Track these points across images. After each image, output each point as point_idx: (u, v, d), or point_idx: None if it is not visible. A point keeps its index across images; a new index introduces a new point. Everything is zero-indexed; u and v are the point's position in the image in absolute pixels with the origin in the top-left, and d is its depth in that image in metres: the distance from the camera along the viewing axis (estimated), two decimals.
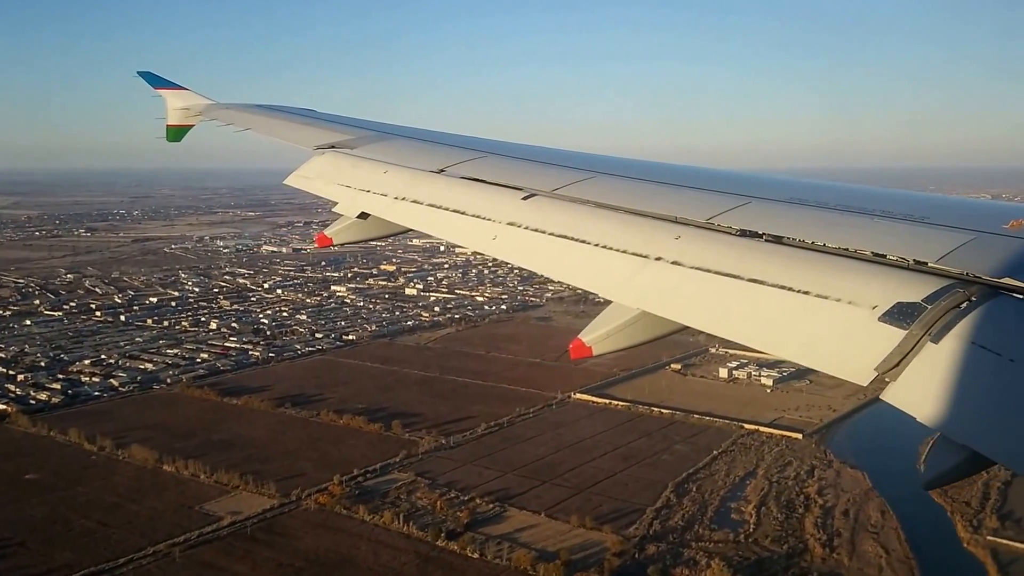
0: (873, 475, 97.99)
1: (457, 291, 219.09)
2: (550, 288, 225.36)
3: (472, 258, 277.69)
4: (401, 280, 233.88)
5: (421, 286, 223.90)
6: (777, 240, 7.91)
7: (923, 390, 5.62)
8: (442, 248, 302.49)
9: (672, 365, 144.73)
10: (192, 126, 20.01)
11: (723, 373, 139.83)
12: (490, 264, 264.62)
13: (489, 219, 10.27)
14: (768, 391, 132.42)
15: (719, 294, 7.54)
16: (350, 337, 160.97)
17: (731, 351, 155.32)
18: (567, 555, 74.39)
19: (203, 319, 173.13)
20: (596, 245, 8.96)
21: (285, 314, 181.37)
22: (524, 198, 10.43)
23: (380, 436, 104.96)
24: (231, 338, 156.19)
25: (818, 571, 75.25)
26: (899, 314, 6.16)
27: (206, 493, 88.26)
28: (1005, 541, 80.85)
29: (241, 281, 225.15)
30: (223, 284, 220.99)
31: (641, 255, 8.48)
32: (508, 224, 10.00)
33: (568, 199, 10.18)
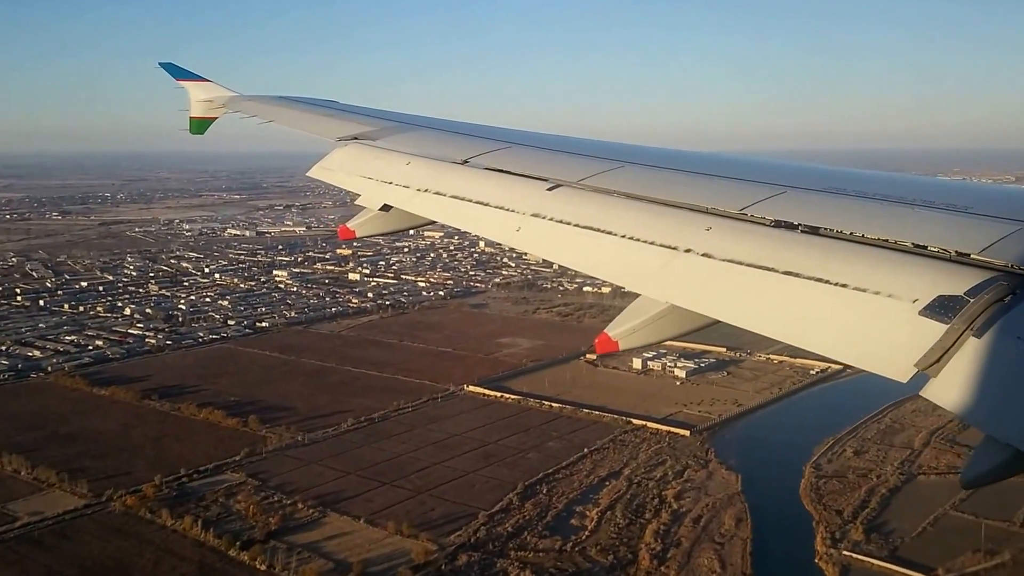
0: (748, 478, 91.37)
1: (403, 276, 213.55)
2: (503, 272, 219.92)
3: (436, 242, 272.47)
4: (351, 264, 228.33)
5: (368, 271, 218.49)
6: (813, 231, 7.64)
7: (965, 386, 5.43)
8: (411, 232, 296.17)
9: (588, 355, 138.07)
10: (215, 118, 19.96)
11: (637, 364, 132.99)
12: (451, 248, 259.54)
13: (513, 210, 10.10)
14: (678, 383, 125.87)
15: (752, 287, 7.31)
16: (263, 324, 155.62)
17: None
18: (362, 567, 68.72)
19: (120, 304, 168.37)
20: (623, 237, 8.72)
21: (208, 299, 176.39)
22: (549, 189, 10.28)
23: (234, 432, 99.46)
24: (138, 324, 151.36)
25: None
26: (940, 308, 5.95)
27: (18, 491, 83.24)
28: (861, 557, 73.95)
29: (185, 265, 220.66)
30: (165, 268, 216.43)
31: (670, 247, 8.21)
32: (533, 216, 9.82)
33: (594, 190, 9.96)
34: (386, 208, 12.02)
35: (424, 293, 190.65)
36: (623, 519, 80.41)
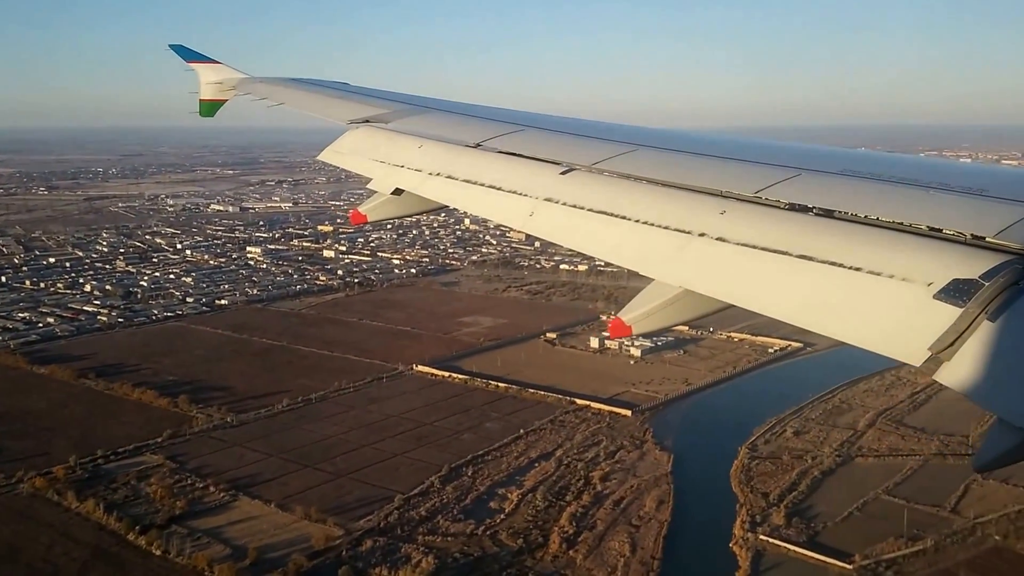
0: (680, 459, 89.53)
1: (380, 253, 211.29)
2: (482, 250, 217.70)
3: (421, 219, 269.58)
4: (328, 241, 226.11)
5: (344, 248, 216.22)
6: (828, 214, 7.62)
7: (978, 370, 5.47)
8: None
9: (549, 334, 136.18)
10: (226, 100, 19.99)
11: (594, 343, 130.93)
12: (434, 226, 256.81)
13: (526, 195, 10.07)
14: (633, 362, 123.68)
15: (766, 271, 7.29)
16: (223, 302, 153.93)
17: None
18: (257, 554, 67.09)
19: (82, 281, 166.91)
20: (637, 221, 8.70)
21: (172, 276, 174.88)
22: (562, 173, 10.25)
23: (164, 412, 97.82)
24: (95, 302, 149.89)
25: (537, 571, 67.12)
26: (955, 291, 5.96)
27: None
28: (776, 542, 71.97)
29: (159, 241, 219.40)
30: (138, 244, 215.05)
31: (684, 231, 8.19)
32: (546, 200, 9.80)
33: (608, 173, 9.96)
34: (398, 192, 11.98)
35: (396, 271, 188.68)
36: (543, 502, 78.54)
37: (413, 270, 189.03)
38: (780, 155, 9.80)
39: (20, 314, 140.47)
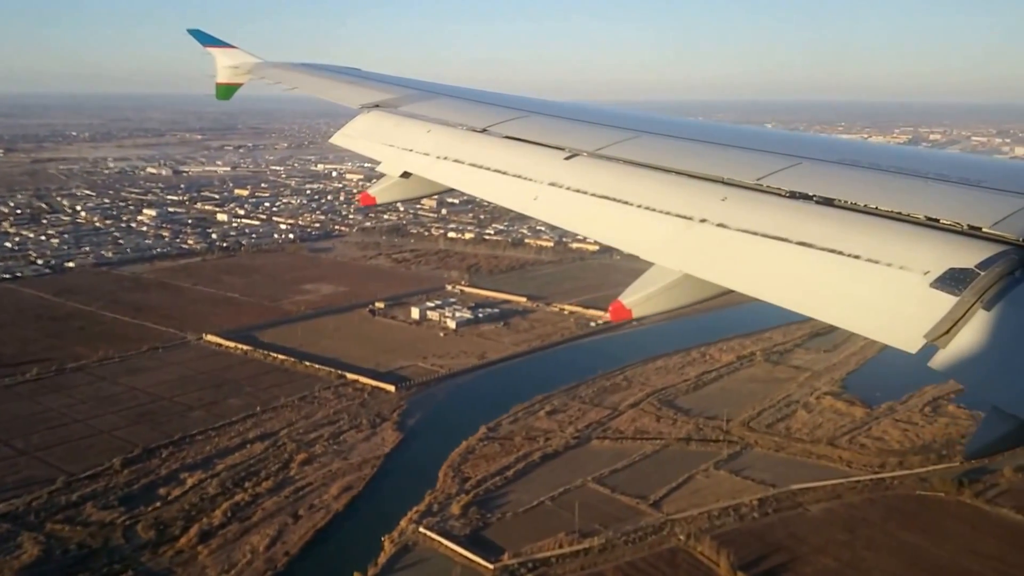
0: (409, 440, 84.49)
1: (276, 219, 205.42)
2: (385, 216, 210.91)
3: (348, 184, 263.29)
4: (232, 205, 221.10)
5: (242, 212, 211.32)
6: (828, 202, 7.64)
7: (973, 358, 5.47)
8: (334, 174, 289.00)
9: (379, 303, 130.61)
10: (241, 84, 20.84)
11: (415, 314, 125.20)
12: (354, 192, 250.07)
13: (531, 179, 10.20)
14: (443, 335, 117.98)
15: (765, 257, 7.31)
16: (70, 264, 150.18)
17: (467, 290, 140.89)
18: None
19: None
20: (639, 206, 8.75)
21: (43, 238, 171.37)
22: (567, 158, 10.31)
23: None
24: None
25: (145, 570, 61.89)
26: (951, 280, 5.97)
27: None
28: (433, 535, 66.34)
29: (64, 203, 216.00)
30: (43, 205, 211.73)
31: (685, 217, 8.24)
32: (550, 185, 9.88)
33: (611, 159, 9.99)
34: (406, 175, 12.14)
35: (275, 236, 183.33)
36: (217, 489, 73.35)
37: (291, 235, 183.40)
38: (781, 144, 9.83)
39: None
